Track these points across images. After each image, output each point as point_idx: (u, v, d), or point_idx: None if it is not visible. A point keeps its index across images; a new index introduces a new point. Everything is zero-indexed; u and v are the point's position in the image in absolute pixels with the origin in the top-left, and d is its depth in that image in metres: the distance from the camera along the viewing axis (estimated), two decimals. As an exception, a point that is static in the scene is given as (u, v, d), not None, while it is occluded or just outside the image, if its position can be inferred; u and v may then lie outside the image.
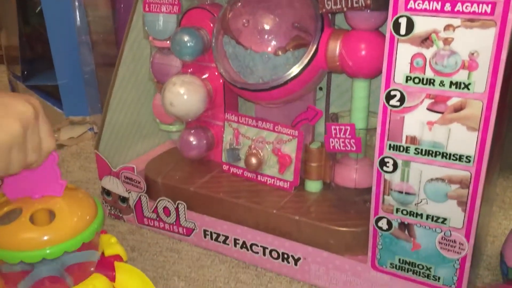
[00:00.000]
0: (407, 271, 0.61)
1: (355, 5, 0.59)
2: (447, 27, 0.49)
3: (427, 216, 0.57)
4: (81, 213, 0.52)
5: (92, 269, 0.54)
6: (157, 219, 0.79)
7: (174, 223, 0.78)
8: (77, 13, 0.95)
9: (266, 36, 0.70)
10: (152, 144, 0.92)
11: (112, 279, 0.54)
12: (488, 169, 0.53)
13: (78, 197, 0.54)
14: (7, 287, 0.51)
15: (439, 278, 0.59)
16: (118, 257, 0.56)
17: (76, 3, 0.92)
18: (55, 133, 1.14)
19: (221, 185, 0.77)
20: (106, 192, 0.84)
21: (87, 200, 0.54)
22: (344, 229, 0.66)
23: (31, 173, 0.50)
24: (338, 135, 0.65)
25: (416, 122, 0.54)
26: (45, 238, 0.49)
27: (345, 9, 0.60)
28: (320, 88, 0.75)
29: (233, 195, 0.74)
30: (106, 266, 0.55)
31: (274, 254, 0.70)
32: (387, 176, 0.58)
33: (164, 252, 0.76)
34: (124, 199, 0.82)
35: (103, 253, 0.56)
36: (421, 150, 0.54)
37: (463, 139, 0.52)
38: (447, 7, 0.49)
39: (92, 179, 0.99)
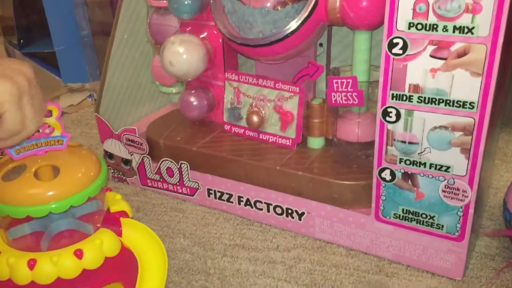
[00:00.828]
0: (411, 221, 0.61)
1: (355, -47, 0.58)
2: (450, -30, 0.48)
3: (430, 165, 0.57)
4: (85, 169, 0.52)
5: (98, 225, 0.55)
6: (161, 180, 0.79)
7: (178, 184, 0.78)
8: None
9: (265, -10, 0.68)
10: (152, 107, 0.92)
11: (119, 234, 0.55)
12: (491, 115, 0.53)
13: (81, 154, 0.54)
14: (29, 248, 0.51)
15: (442, 226, 0.59)
16: (123, 213, 0.56)
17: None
18: (54, 100, 1.13)
19: (223, 144, 0.77)
20: (109, 155, 0.84)
21: (90, 156, 0.54)
22: (347, 182, 0.66)
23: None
24: (340, 89, 0.64)
25: (419, 69, 0.53)
26: (51, 193, 0.49)
27: (345, -42, 0.59)
28: (321, 44, 0.74)
29: (236, 153, 0.74)
30: (112, 221, 0.55)
31: (278, 210, 0.71)
32: (390, 126, 0.57)
33: (168, 212, 0.77)
34: (127, 162, 0.82)
35: (108, 210, 0.57)
36: (424, 98, 0.54)
37: (467, 85, 0.52)
38: None
39: (94, 145, 0.99)
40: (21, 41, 1.12)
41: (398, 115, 0.56)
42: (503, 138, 0.91)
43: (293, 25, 0.65)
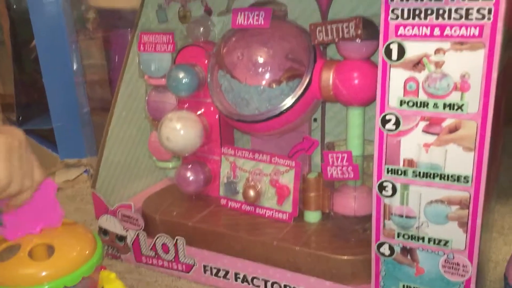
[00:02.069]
0: (412, 298, 0.60)
1: (346, 35, 0.61)
2: (438, 51, 0.51)
3: (429, 239, 0.57)
4: (80, 248, 0.51)
5: (91, 306, 0.53)
6: (156, 256, 0.78)
7: (173, 260, 0.76)
8: (74, 57, 0.97)
9: (260, 69, 0.71)
10: (149, 182, 0.92)
11: (112, 315, 0.53)
12: (486, 189, 0.54)
13: (77, 232, 0.53)
14: None
15: (444, 303, 0.58)
16: (118, 293, 0.55)
17: (73, 46, 0.94)
18: (50, 176, 1.13)
19: (220, 219, 0.77)
20: (103, 232, 0.83)
21: (85, 234, 0.54)
22: (345, 257, 0.66)
23: (29, 205, 0.49)
24: (335, 163, 0.65)
25: (413, 144, 0.54)
26: (45, 273, 0.48)
27: (336, 40, 0.62)
28: (315, 119, 0.76)
29: (233, 228, 0.74)
30: (106, 302, 0.54)
31: (276, 287, 0.69)
32: (386, 200, 0.58)
33: (163, 290, 0.75)
34: (122, 238, 0.81)
35: (102, 289, 0.55)
36: (419, 172, 0.55)
37: (460, 160, 0.53)
38: (436, 31, 0.50)
39: (88, 221, 0.98)
40: (20, 118, 1.14)
41: (394, 189, 0.57)
42: (498, 210, 0.91)
43: (288, 102, 0.67)
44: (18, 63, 1.22)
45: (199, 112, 0.79)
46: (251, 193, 0.75)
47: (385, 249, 0.60)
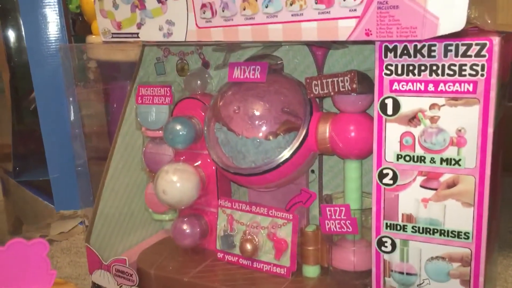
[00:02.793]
0: None
1: (341, 89, 0.61)
2: (432, 106, 0.51)
3: (431, 298, 0.55)
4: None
5: None
6: (150, 314, 0.76)
7: (168, 318, 0.74)
8: (71, 108, 0.98)
9: (256, 122, 0.71)
10: (144, 234, 0.90)
11: None
12: (487, 245, 0.53)
13: (68, 292, 0.52)
14: None
15: None
16: None
17: (71, 99, 0.95)
18: (45, 228, 1.12)
19: (216, 274, 0.75)
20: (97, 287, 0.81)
21: (77, 294, 0.52)
22: (346, 316, 0.64)
23: (21, 265, 0.48)
24: (333, 217, 0.64)
25: (411, 199, 0.54)
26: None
27: (332, 93, 0.62)
28: (312, 171, 0.76)
29: (229, 284, 0.72)
30: None
31: None
32: (386, 256, 0.56)
33: None
34: (116, 294, 0.79)
35: None
36: (419, 228, 0.54)
37: (460, 215, 0.52)
38: (431, 87, 0.51)
39: (82, 275, 0.96)
40: (17, 168, 1.14)
41: (393, 245, 0.56)
42: (501, 262, 0.89)
43: (285, 154, 0.66)
44: (17, 114, 1.23)
45: (196, 164, 0.79)
46: (248, 247, 0.73)
47: (386, 308, 0.58)
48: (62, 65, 0.83)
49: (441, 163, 0.52)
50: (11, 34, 1.22)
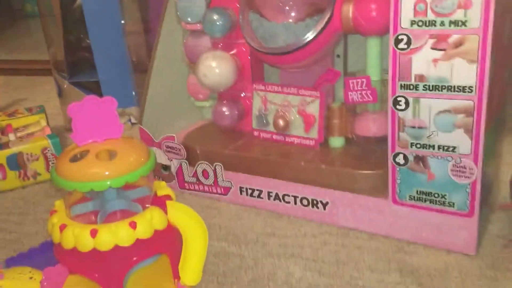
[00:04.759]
0: (425, 201, 0.68)
1: (363, -31, 0.68)
2: (443, -27, 0.57)
3: (439, 147, 0.64)
4: (136, 154, 0.61)
5: (148, 205, 0.63)
6: (197, 182, 0.88)
7: (213, 184, 0.86)
8: (119, 14, 1.07)
9: (286, 7, 0.78)
10: (188, 122, 1.01)
11: (165, 212, 0.63)
12: (490, 100, 0.60)
13: (134, 143, 0.63)
14: (88, 222, 0.60)
15: (453, 204, 0.66)
16: (168, 197, 0.65)
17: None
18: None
19: (253, 146, 0.85)
20: (150, 163, 0.93)
21: (141, 145, 0.63)
22: (366, 171, 0.74)
23: (95, 118, 0.59)
24: (355, 88, 0.73)
25: (423, 61, 0.61)
26: (108, 172, 0.58)
27: (355, -26, 0.69)
28: (338, 56, 0.83)
29: (265, 154, 0.82)
30: (159, 202, 0.63)
31: (304, 202, 0.78)
32: (400, 114, 0.65)
33: (205, 209, 0.85)
34: (166, 167, 0.91)
35: (155, 194, 0.65)
36: (429, 86, 0.62)
37: (465, 72, 0.59)
38: (442, -44, 0.57)
39: (134, 160, 1.08)
40: (70, 74, 1.25)
41: (407, 103, 0.64)
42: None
43: (312, 34, 0.74)
44: (64, 26, 1.32)
45: (232, 52, 0.87)
46: (281, 122, 0.83)
47: (400, 159, 0.67)
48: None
49: (449, 25, 0.59)
50: None
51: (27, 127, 1.06)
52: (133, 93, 1.18)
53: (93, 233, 0.57)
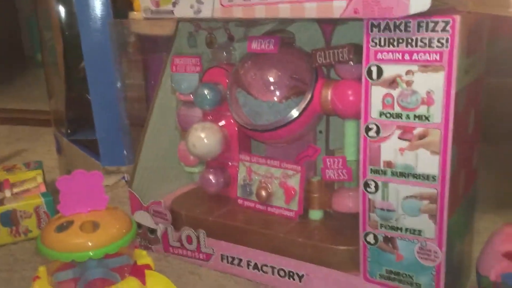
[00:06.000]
0: (393, 280, 0.70)
1: (340, 59, 0.73)
2: (408, 72, 0.62)
3: (406, 229, 0.67)
4: (119, 226, 0.65)
5: (127, 274, 0.66)
6: (181, 247, 0.91)
7: (196, 250, 0.89)
8: (118, 77, 1.13)
9: (270, 87, 0.84)
10: (177, 185, 1.05)
11: (144, 282, 0.66)
12: (453, 187, 0.64)
13: (117, 214, 0.67)
14: None
15: (420, 285, 0.68)
16: (148, 266, 0.68)
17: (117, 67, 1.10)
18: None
19: (236, 215, 0.89)
20: (138, 225, 0.96)
21: (124, 216, 0.67)
22: (341, 247, 0.77)
23: (81, 191, 0.63)
24: (332, 166, 0.77)
25: (391, 149, 0.66)
26: (91, 243, 0.61)
27: (333, 62, 0.74)
28: (320, 132, 0.88)
29: (247, 223, 0.86)
30: (138, 272, 0.66)
31: (281, 273, 0.80)
32: (370, 196, 0.69)
33: (187, 275, 0.87)
34: (153, 231, 0.94)
35: (135, 262, 0.68)
36: (396, 172, 0.66)
37: (428, 162, 0.64)
38: (406, 56, 0.62)
39: (124, 219, 1.12)
40: (69, 130, 1.31)
41: (376, 187, 0.68)
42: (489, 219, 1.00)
43: (294, 114, 0.79)
44: (68, 83, 1.39)
45: (220, 124, 0.92)
46: (263, 193, 0.87)
47: (370, 238, 0.71)
48: (110, 39, 0.97)
49: (414, 119, 0.63)
50: (62, 10, 1.37)
51: (23, 183, 1.11)
52: (125, 152, 1.23)
53: (72, 301, 0.60)
